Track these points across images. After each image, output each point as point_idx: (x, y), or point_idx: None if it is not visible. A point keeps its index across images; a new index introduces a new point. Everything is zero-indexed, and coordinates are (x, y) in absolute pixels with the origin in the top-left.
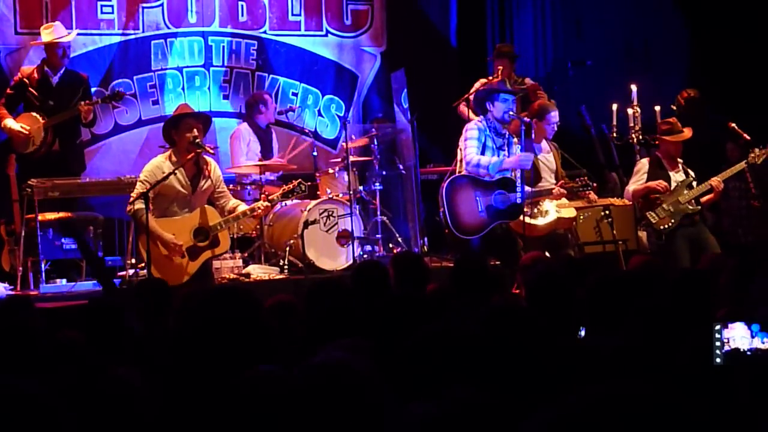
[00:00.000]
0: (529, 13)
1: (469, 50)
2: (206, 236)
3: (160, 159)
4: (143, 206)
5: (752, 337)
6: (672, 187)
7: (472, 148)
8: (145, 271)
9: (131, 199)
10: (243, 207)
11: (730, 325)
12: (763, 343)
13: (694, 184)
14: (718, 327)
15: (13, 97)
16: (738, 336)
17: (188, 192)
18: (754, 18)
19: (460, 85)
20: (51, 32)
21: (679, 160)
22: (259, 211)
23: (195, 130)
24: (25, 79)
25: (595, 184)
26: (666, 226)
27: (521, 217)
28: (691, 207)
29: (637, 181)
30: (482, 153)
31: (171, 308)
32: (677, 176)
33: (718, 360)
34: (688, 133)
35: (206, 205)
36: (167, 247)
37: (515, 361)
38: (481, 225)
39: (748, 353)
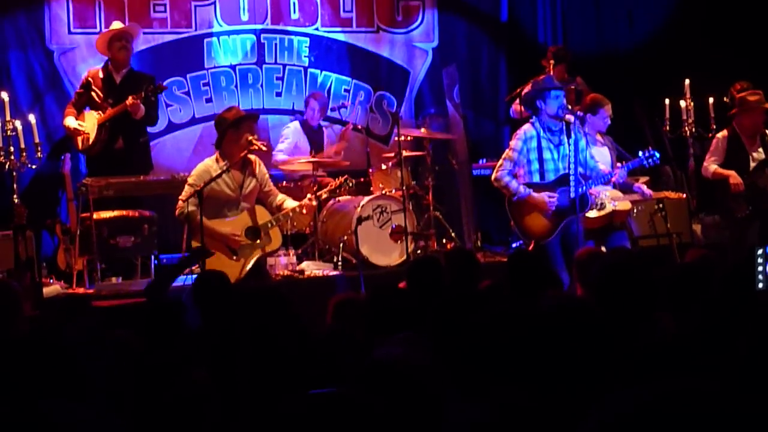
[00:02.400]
0: (578, 13)
1: (520, 44)
2: (258, 234)
3: (209, 162)
4: (195, 208)
5: None
6: (751, 167)
7: (507, 163)
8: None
9: (180, 202)
10: (290, 203)
11: None
12: None
13: None
14: (760, 251)
15: (81, 96)
16: None
17: (236, 194)
18: None
19: (511, 80)
20: (117, 23)
21: (758, 135)
22: (306, 208)
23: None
24: (90, 79)
25: (648, 178)
26: (744, 214)
27: (577, 212)
28: None
29: (717, 160)
30: (536, 156)
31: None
32: (756, 154)
33: (760, 285)
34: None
35: (256, 205)
36: (227, 241)
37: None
38: (553, 226)
39: None
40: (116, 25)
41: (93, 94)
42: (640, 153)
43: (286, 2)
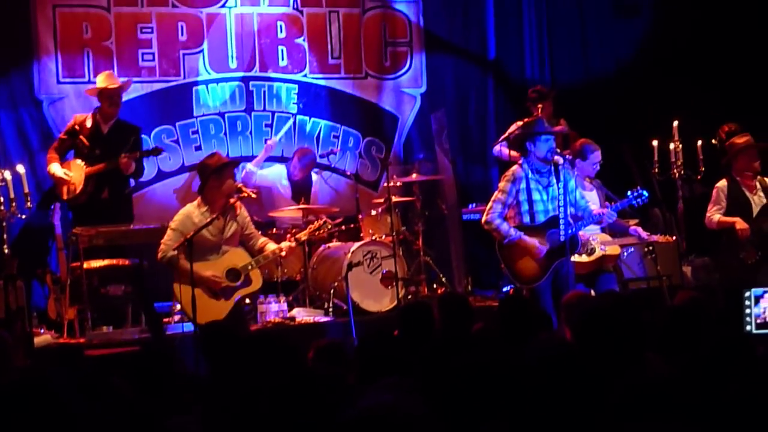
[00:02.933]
0: (565, 48)
1: (508, 85)
2: (238, 276)
3: (190, 208)
4: (176, 252)
5: None
6: (754, 213)
7: (497, 205)
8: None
9: (162, 245)
10: (271, 245)
11: (765, 295)
12: None
13: None
14: (748, 294)
15: (65, 142)
16: None
17: (218, 238)
18: None
19: (499, 124)
20: (104, 79)
21: (758, 179)
22: (286, 250)
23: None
24: (77, 126)
25: (637, 220)
26: (753, 260)
27: (568, 254)
28: None
29: (720, 210)
30: (525, 197)
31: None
32: (757, 198)
33: (748, 328)
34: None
35: (236, 247)
36: (208, 283)
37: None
38: (543, 269)
39: None
40: (106, 79)
41: (79, 141)
42: (629, 193)
43: (274, 49)
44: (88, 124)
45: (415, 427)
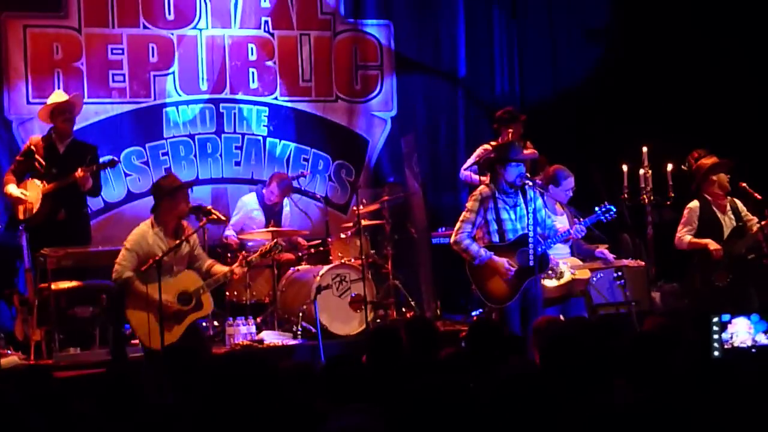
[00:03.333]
0: (534, 66)
1: (479, 110)
2: (190, 299)
3: (144, 227)
4: (132, 274)
5: (755, 333)
6: (725, 235)
7: (466, 225)
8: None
9: (116, 266)
10: (220, 267)
11: (733, 320)
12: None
13: (751, 225)
14: (716, 320)
15: (21, 164)
16: (741, 331)
17: (170, 258)
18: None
19: (468, 148)
20: (53, 97)
21: (729, 200)
22: (237, 273)
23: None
24: (32, 147)
25: (607, 246)
26: (724, 283)
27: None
28: (747, 256)
29: (690, 231)
30: (493, 216)
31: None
32: (728, 220)
33: (716, 353)
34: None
35: (187, 270)
36: (163, 309)
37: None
38: (513, 290)
39: (753, 350)
40: (58, 96)
41: (36, 162)
42: (596, 209)
43: (244, 72)
44: (45, 144)
45: None
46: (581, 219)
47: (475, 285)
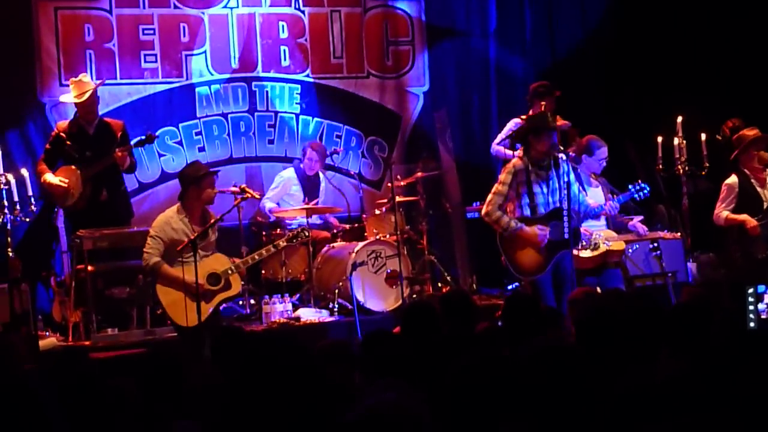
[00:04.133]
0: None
1: (508, 85)
2: (219, 280)
3: (169, 213)
4: (159, 259)
5: None
6: (764, 207)
7: (497, 197)
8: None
9: (144, 255)
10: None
11: None
12: None
13: None
14: (751, 291)
15: (52, 152)
16: None
17: (199, 242)
18: None
19: (501, 122)
20: (73, 89)
21: (766, 172)
22: (264, 254)
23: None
24: (61, 134)
25: (642, 217)
26: (763, 255)
27: (571, 250)
28: None
29: (728, 206)
30: (525, 189)
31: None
32: (766, 193)
33: (752, 324)
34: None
35: (216, 252)
36: (189, 287)
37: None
38: (545, 261)
39: None
40: (74, 89)
41: (67, 148)
42: (630, 186)
43: (276, 50)
44: (73, 129)
45: (416, 427)
46: (616, 195)
47: (505, 256)
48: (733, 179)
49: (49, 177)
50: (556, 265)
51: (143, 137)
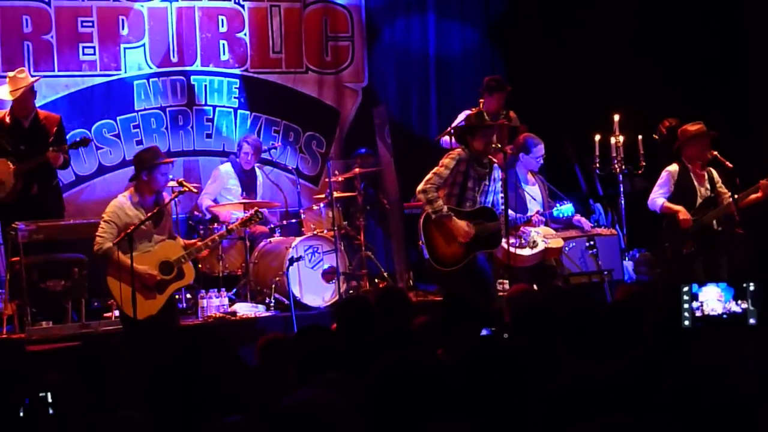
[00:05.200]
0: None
1: (449, 81)
2: (171, 269)
3: (121, 199)
4: (112, 245)
5: (725, 300)
6: (697, 204)
7: (436, 178)
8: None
9: (97, 238)
10: (191, 241)
11: (702, 289)
12: (738, 304)
13: (724, 198)
14: (686, 289)
15: None
16: (711, 299)
17: (149, 228)
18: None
19: (441, 119)
20: (8, 84)
21: (707, 170)
22: (216, 240)
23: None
24: None
25: (581, 217)
26: (688, 251)
27: (508, 247)
28: (715, 227)
29: (665, 194)
30: (464, 182)
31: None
32: (703, 190)
33: (686, 323)
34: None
35: (168, 239)
36: (144, 279)
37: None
38: (461, 255)
39: (724, 316)
40: (10, 84)
41: (1, 140)
42: (557, 203)
43: (215, 44)
44: (7, 120)
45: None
46: (549, 204)
47: (424, 241)
48: (674, 167)
49: None
50: (470, 262)
51: (78, 140)
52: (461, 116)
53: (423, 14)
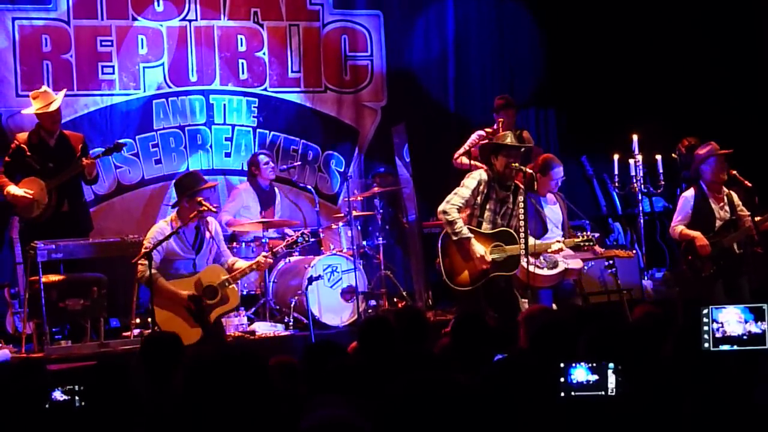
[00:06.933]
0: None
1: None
2: (215, 294)
3: (162, 224)
4: (155, 271)
5: (745, 321)
6: (716, 226)
7: (457, 198)
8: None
9: (139, 267)
10: (242, 263)
11: (722, 311)
12: (758, 325)
13: (745, 220)
14: (706, 311)
15: (11, 164)
16: (731, 320)
17: (191, 254)
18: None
19: (459, 137)
20: (38, 101)
21: (725, 192)
22: (263, 263)
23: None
24: (22, 145)
25: (597, 235)
26: (707, 273)
27: (528, 267)
28: (736, 251)
29: (684, 220)
30: (485, 203)
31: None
32: (722, 212)
33: (706, 345)
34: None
35: (212, 264)
36: (184, 304)
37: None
38: (477, 276)
39: (744, 337)
40: (41, 100)
41: (29, 159)
42: (578, 234)
43: (234, 63)
44: (34, 140)
45: None
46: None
47: (442, 259)
48: (689, 192)
49: (13, 189)
50: (489, 282)
51: (111, 146)
52: (474, 136)
53: (441, 30)
